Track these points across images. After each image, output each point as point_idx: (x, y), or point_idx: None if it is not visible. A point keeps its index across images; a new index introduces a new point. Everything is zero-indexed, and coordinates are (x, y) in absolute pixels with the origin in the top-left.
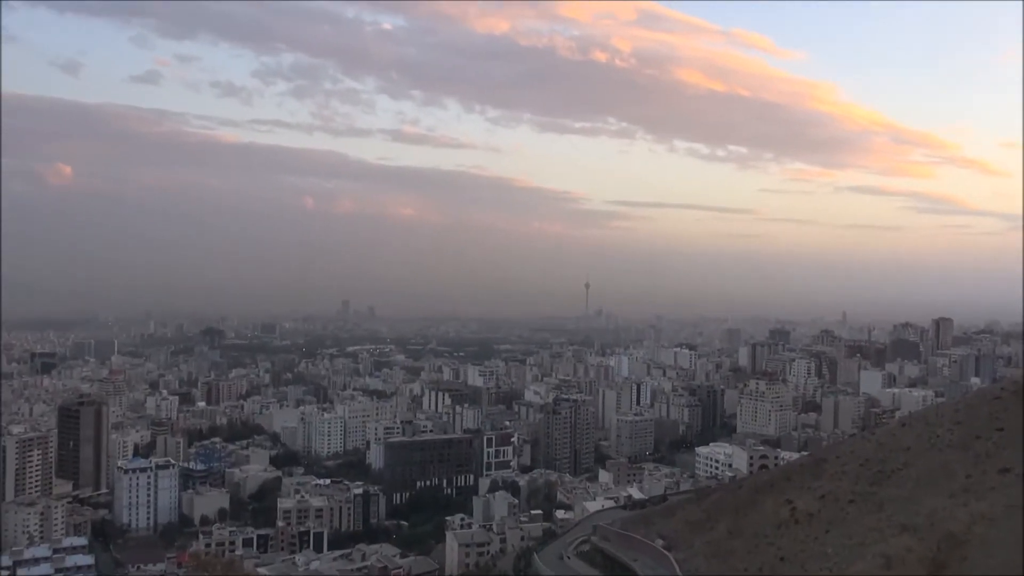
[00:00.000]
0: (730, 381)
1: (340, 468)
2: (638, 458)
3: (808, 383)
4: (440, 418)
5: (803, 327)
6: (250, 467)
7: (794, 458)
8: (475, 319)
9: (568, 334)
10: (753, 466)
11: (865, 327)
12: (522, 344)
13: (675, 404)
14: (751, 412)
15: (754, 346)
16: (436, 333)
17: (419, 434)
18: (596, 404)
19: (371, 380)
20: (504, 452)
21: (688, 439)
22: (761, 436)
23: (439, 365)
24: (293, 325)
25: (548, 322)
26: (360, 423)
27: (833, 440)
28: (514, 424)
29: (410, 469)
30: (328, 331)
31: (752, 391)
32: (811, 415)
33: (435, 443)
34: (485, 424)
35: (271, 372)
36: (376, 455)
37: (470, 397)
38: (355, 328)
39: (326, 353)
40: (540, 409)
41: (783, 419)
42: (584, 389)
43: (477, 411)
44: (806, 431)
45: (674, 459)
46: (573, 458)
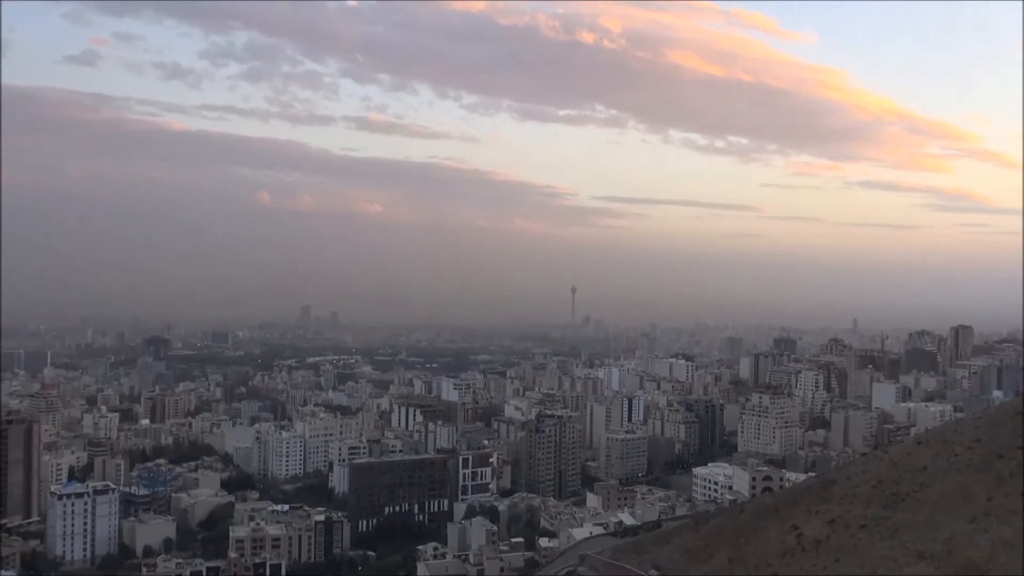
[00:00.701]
0: (730, 395)
1: (300, 492)
2: (630, 480)
3: (816, 397)
4: (411, 436)
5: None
6: (199, 492)
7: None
8: (450, 327)
9: (553, 343)
10: (756, 488)
11: (878, 335)
12: (502, 355)
13: (670, 420)
14: (753, 429)
15: (757, 356)
16: (406, 342)
17: (387, 454)
18: (583, 421)
19: (334, 394)
20: (482, 474)
21: (685, 459)
22: (764, 455)
23: (410, 378)
24: (247, 333)
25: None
26: (322, 442)
27: (843, 459)
28: (493, 443)
29: (377, 493)
30: (287, 340)
31: (755, 406)
32: (819, 432)
33: (405, 464)
34: (461, 443)
35: (223, 386)
36: (340, 478)
37: (444, 413)
38: (316, 337)
39: (284, 365)
40: (522, 426)
41: (788, 436)
42: (570, 404)
43: (452, 429)
44: (814, 450)
45: (669, 481)
46: (558, 480)
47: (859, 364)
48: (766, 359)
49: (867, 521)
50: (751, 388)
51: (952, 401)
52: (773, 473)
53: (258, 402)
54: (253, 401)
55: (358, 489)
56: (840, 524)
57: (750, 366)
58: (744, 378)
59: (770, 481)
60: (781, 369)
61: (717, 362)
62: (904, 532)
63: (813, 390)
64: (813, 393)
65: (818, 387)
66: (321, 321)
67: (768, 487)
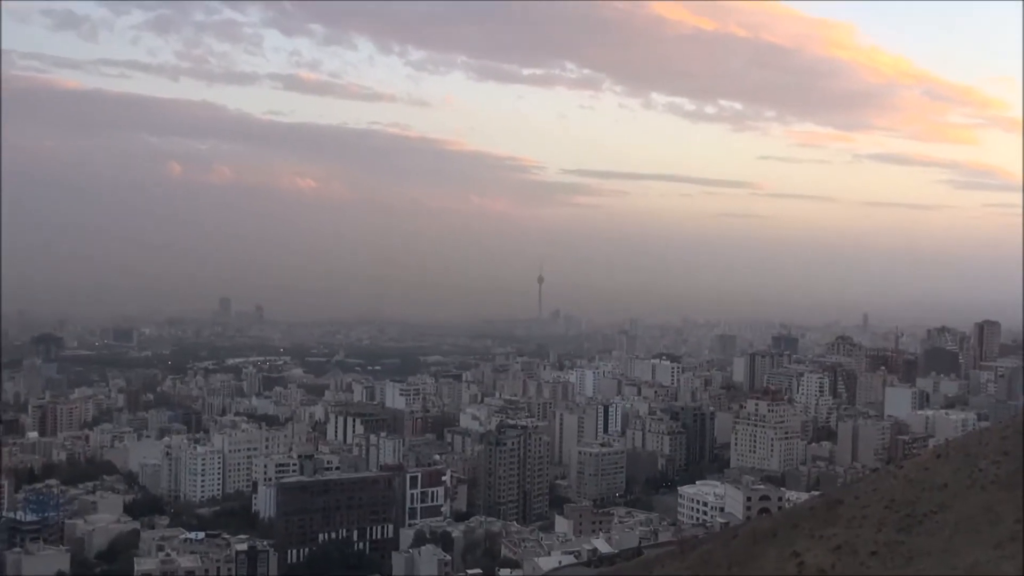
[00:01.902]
0: (722, 401)
1: (218, 517)
2: (605, 501)
3: (820, 403)
4: (349, 451)
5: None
6: (98, 517)
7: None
8: (395, 323)
9: (516, 342)
10: (751, 510)
11: (891, 332)
12: (457, 355)
13: (653, 431)
14: (749, 441)
15: (753, 356)
16: (344, 341)
17: (322, 472)
18: (552, 432)
19: (259, 402)
20: (433, 495)
21: (669, 476)
22: (761, 471)
23: (348, 382)
24: (155, 331)
25: (490, 326)
26: (244, 458)
27: (851, 476)
28: (446, 458)
29: (310, 518)
30: (202, 338)
31: (750, 414)
32: (824, 444)
33: (343, 484)
34: (408, 458)
35: (126, 392)
36: (265, 500)
37: (389, 424)
38: (237, 334)
39: (199, 367)
40: (480, 439)
41: (789, 449)
42: (536, 413)
43: (398, 442)
44: (818, 465)
45: (651, 502)
46: (522, 501)
47: (870, 366)
48: (763, 360)
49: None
50: (746, 393)
51: (976, 408)
52: (771, 492)
53: (168, 411)
54: (162, 410)
55: (287, 513)
56: (847, 551)
57: (745, 368)
58: (738, 382)
59: (767, 501)
60: (781, 371)
61: (707, 363)
62: (920, 559)
63: (817, 395)
64: (817, 399)
65: (823, 392)
66: (243, 316)
67: (765, 508)
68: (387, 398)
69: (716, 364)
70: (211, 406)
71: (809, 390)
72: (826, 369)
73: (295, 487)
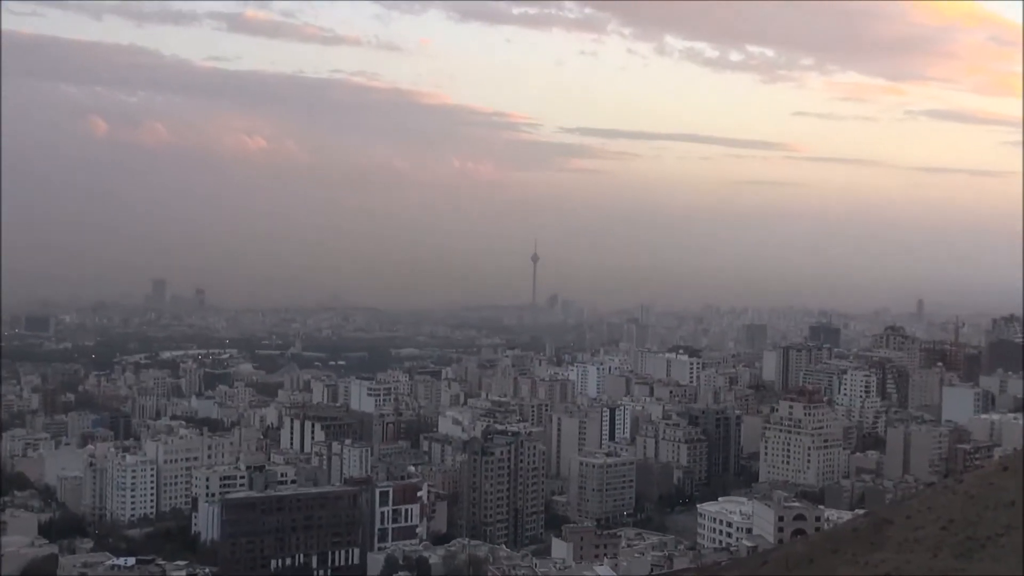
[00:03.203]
0: (750, 403)
1: (151, 540)
2: (611, 521)
3: (866, 406)
4: (308, 461)
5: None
6: (9, 540)
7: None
8: (363, 309)
9: (506, 332)
10: (784, 532)
11: (950, 322)
12: (435, 347)
13: (667, 439)
14: (781, 450)
15: (786, 350)
16: (303, 331)
17: (275, 486)
18: (548, 439)
19: (200, 403)
20: (407, 513)
21: (687, 491)
22: (796, 486)
23: (306, 379)
24: (76, 318)
25: (474, 314)
26: (182, 470)
27: (902, 492)
28: (422, 470)
29: (260, 541)
30: (132, 327)
31: (783, 418)
32: (870, 454)
33: (300, 500)
34: (378, 470)
35: (41, 392)
36: (207, 519)
37: (355, 429)
38: (174, 323)
39: (129, 362)
40: (462, 447)
41: (828, 460)
42: (530, 416)
43: (365, 450)
44: (862, 478)
45: (665, 522)
46: (513, 521)
47: (925, 361)
48: (799, 354)
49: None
50: (778, 394)
51: None
52: (807, 511)
53: (92, 414)
54: (84, 412)
55: (233, 535)
56: None
57: (777, 364)
58: (769, 380)
59: (803, 521)
60: (819, 368)
61: (732, 358)
62: None
63: (863, 397)
64: (863, 401)
65: (869, 392)
66: (181, 301)
67: (800, 530)
68: (352, 399)
69: (743, 359)
70: (143, 408)
71: (853, 390)
72: (873, 365)
73: (243, 504)
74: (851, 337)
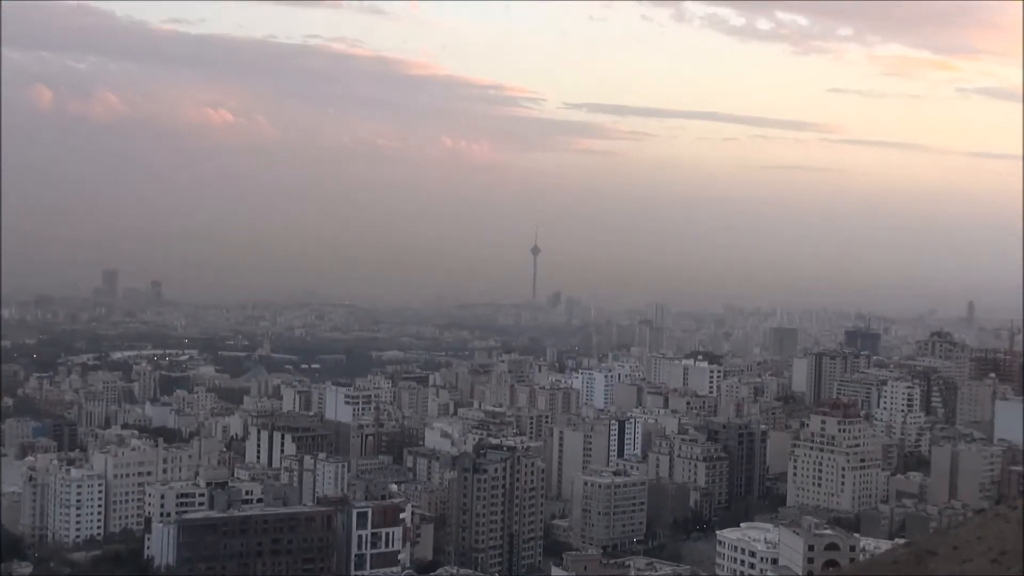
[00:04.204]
0: (777, 417)
1: (98, 564)
2: (619, 548)
3: (909, 421)
4: (276, 478)
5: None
6: None
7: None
8: (341, 306)
9: (502, 334)
10: (814, 563)
11: (1004, 328)
12: (422, 350)
13: (684, 456)
14: (812, 470)
15: (819, 357)
16: (272, 330)
17: (239, 506)
18: (549, 455)
19: (155, 410)
20: (388, 537)
21: (705, 516)
22: (828, 511)
23: (276, 384)
24: (16, 313)
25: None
26: (134, 486)
27: (949, 519)
28: (406, 489)
29: (222, 567)
30: (79, 324)
31: (814, 435)
32: (913, 476)
33: (267, 522)
34: (355, 489)
35: None
36: (162, 542)
37: (330, 441)
38: (127, 319)
39: (75, 363)
40: (451, 463)
41: (865, 483)
42: (528, 429)
43: (341, 466)
44: (904, 503)
45: (680, 549)
46: (507, 548)
47: (976, 372)
48: (833, 362)
49: None
50: (809, 407)
51: None
52: (841, 539)
53: (33, 421)
54: (24, 420)
55: (191, 560)
56: None
57: (808, 372)
58: (799, 391)
59: (836, 552)
60: (856, 378)
61: (757, 365)
62: None
63: (904, 411)
64: (904, 415)
65: (912, 406)
66: (134, 295)
67: (833, 561)
68: (328, 407)
69: (769, 367)
70: (90, 415)
71: (894, 403)
72: (917, 375)
73: (202, 525)
74: (892, 343)
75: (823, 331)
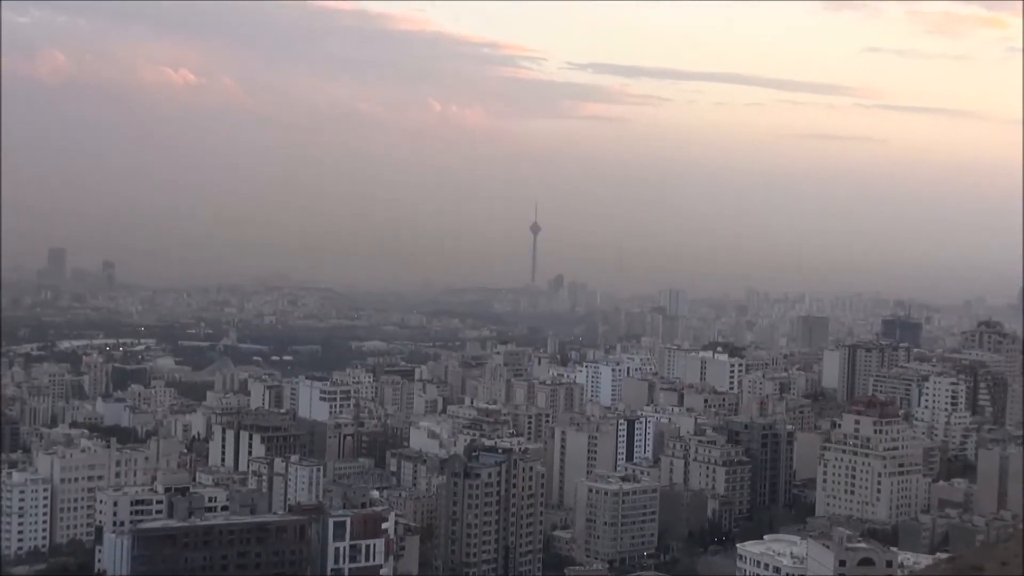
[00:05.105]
0: (806, 417)
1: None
2: (628, 562)
3: (953, 422)
4: (244, 483)
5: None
6: None
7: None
8: (316, 289)
9: (497, 322)
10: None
11: None
12: (407, 340)
13: (701, 460)
14: (844, 476)
15: (852, 349)
16: (239, 316)
17: (201, 514)
18: (549, 458)
19: (107, 407)
20: (369, 550)
21: (724, 527)
22: (863, 522)
23: (243, 378)
24: None
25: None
26: (84, 492)
27: (997, 531)
28: (389, 496)
29: None
30: (22, 310)
31: (847, 436)
32: (957, 483)
33: (232, 532)
34: (332, 495)
35: None
36: (115, 555)
37: (304, 442)
38: (76, 305)
39: (18, 353)
40: (440, 467)
41: (904, 490)
42: (526, 429)
43: (316, 470)
44: (947, 514)
45: (696, 565)
46: (503, 562)
47: None
48: (868, 355)
49: None
50: (841, 405)
51: None
52: (877, 553)
53: None
54: None
55: (147, 574)
56: None
57: (840, 366)
58: (830, 387)
59: (871, 567)
60: (894, 373)
61: (783, 359)
62: None
63: (949, 410)
64: (948, 415)
65: (957, 405)
66: (84, 277)
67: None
68: (301, 404)
69: (797, 360)
70: (34, 412)
71: (936, 401)
72: (962, 370)
73: (159, 536)
74: (935, 334)
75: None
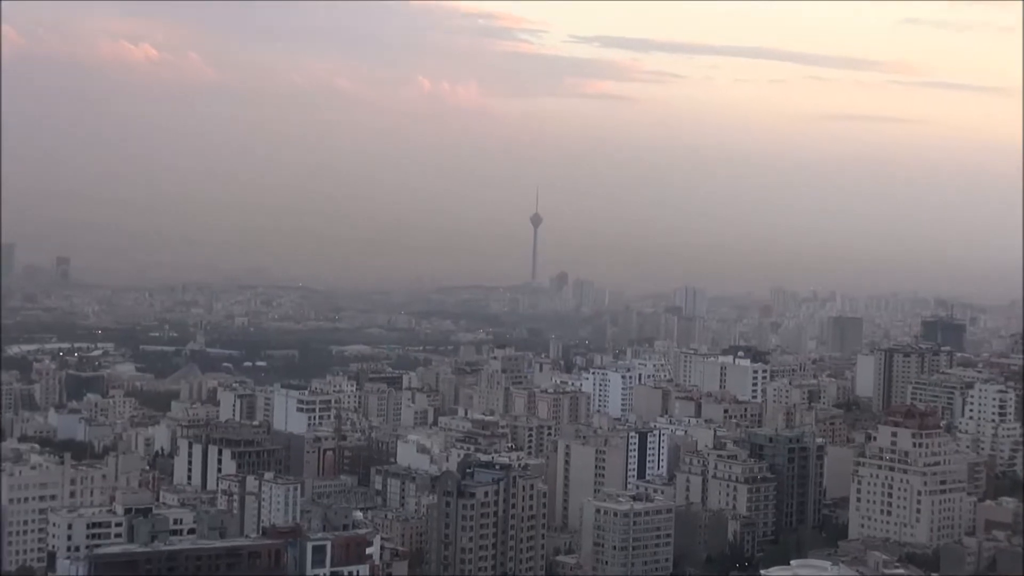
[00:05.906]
0: (837, 429)
1: None
2: None
3: (1001, 434)
4: (213, 503)
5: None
6: None
7: None
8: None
9: (494, 324)
10: None
11: None
12: (394, 344)
13: (721, 476)
14: (880, 495)
15: (889, 354)
16: (207, 318)
17: (165, 537)
18: (553, 475)
19: (61, 418)
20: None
21: (747, 550)
22: (901, 545)
23: (212, 387)
24: None
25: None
26: (35, 514)
27: None
28: (374, 517)
29: None
30: None
31: (883, 450)
32: (1005, 502)
33: (200, 558)
34: (311, 517)
35: None
36: None
37: (279, 458)
38: (27, 305)
39: None
40: (431, 485)
41: (947, 510)
42: (526, 443)
43: (294, 489)
44: (994, 536)
45: None
46: None
47: None
48: (907, 360)
49: None
50: (877, 416)
51: None
52: None
53: None
54: None
55: None
56: None
57: (876, 373)
58: (864, 396)
59: None
60: (935, 380)
61: (812, 364)
62: None
63: (996, 421)
64: (996, 427)
65: (1005, 415)
66: (37, 274)
67: None
68: (276, 415)
69: (827, 365)
70: None
71: (982, 412)
72: (1011, 377)
73: (119, 562)
74: (981, 337)
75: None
